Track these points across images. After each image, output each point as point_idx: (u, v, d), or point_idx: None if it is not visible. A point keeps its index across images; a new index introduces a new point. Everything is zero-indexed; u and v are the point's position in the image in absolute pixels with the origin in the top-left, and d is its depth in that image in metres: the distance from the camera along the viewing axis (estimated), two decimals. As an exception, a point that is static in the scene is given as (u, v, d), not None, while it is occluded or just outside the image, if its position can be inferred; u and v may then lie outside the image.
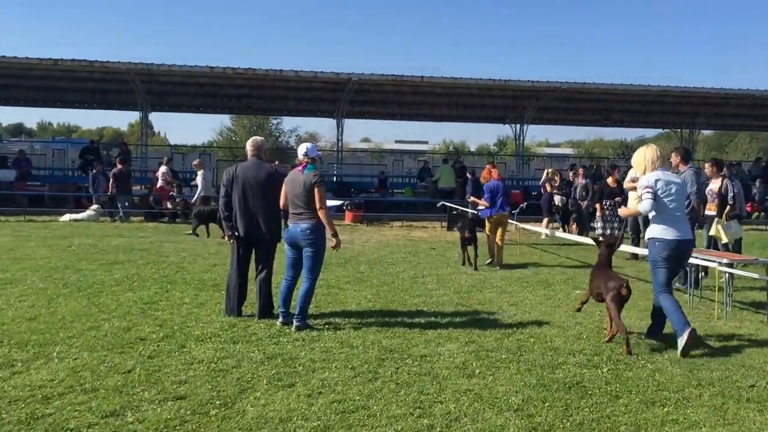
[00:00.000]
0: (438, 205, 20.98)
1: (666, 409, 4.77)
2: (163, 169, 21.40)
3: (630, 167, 9.18)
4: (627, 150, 58.46)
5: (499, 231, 12.13)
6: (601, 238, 7.73)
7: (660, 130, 46.14)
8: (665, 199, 6.48)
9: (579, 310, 7.42)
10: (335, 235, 6.99)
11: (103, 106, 29.87)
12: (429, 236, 17.67)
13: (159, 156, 27.67)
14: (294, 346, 6.18)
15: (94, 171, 20.51)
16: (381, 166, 29.89)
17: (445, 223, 19.95)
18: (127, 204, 19.86)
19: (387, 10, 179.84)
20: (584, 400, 4.89)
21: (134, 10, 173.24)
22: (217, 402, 4.67)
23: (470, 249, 11.75)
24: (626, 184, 9.31)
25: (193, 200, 18.97)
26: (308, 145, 7.32)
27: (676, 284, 9.47)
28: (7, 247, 12.70)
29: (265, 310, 7.47)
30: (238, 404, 4.65)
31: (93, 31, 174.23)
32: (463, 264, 11.86)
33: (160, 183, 21.09)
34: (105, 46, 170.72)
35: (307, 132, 57.63)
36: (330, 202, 8.40)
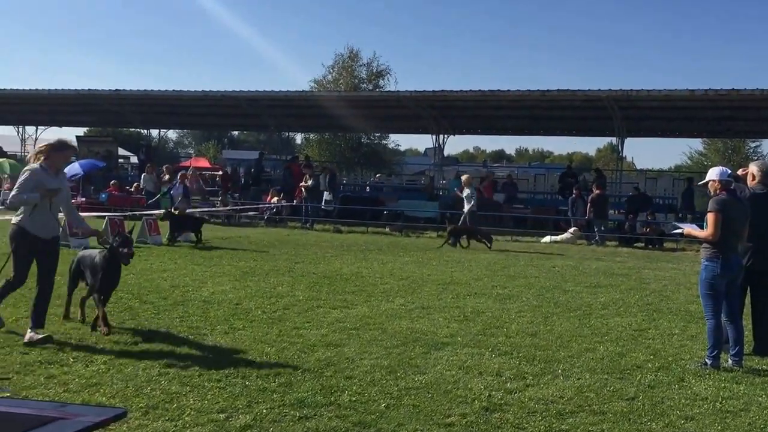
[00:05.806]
0: None
1: None
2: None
3: None
4: None
5: None
6: None
7: None
8: None
9: None
10: None
11: (580, 133, 31.19)
12: None
13: (630, 182, 27.75)
14: (808, 396, 5.60)
15: (573, 195, 21.51)
16: None
17: None
18: (603, 228, 20.33)
19: None
20: None
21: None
22: (733, 446, 4.50)
23: None
24: None
25: None
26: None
27: None
28: (501, 264, 14.11)
29: (763, 348, 7.01)
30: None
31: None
32: None
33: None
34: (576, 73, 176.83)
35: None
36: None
